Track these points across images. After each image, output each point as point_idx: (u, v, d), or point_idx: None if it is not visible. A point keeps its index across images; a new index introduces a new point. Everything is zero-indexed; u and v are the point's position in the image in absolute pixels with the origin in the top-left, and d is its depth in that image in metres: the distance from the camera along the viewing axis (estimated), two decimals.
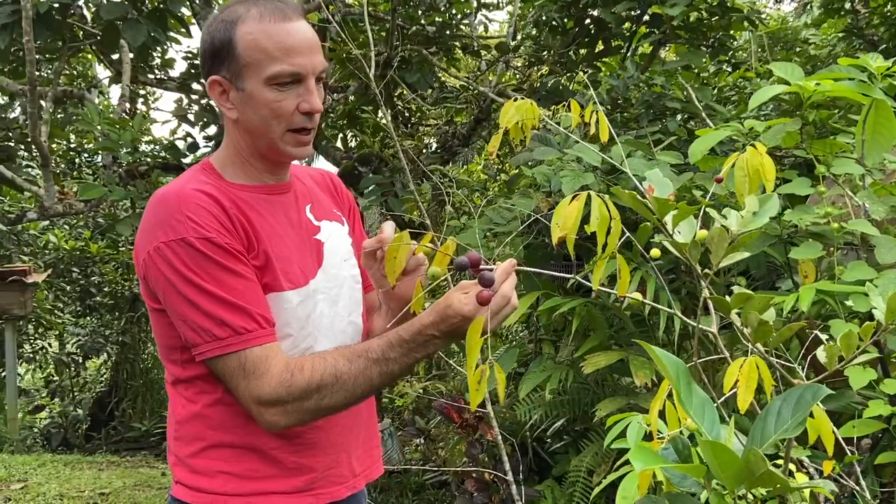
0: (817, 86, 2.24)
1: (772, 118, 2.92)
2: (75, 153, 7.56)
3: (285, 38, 1.36)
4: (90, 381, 8.18)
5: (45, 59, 5.26)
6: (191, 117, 5.30)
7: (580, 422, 3.55)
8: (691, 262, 1.21)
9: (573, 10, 4.67)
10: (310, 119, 1.40)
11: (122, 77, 4.84)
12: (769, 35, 6.14)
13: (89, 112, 4.09)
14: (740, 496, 0.91)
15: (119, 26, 4.18)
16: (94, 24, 4.60)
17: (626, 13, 4.36)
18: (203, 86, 1.46)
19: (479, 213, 3.47)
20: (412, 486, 4.27)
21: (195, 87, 5.20)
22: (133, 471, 5.48)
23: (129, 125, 4.10)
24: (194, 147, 5.11)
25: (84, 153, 7.60)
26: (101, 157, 5.63)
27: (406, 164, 3.63)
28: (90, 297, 7.90)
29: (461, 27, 5.43)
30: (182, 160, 4.61)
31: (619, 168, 2.56)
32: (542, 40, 5.01)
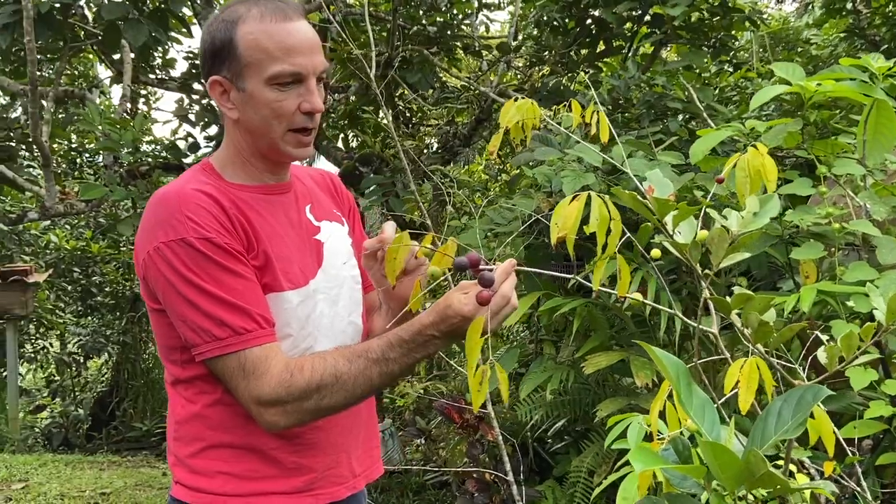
0: (819, 86, 2.24)
1: (773, 118, 2.92)
2: (76, 153, 7.57)
3: (286, 37, 1.36)
4: (91, 380, 8.19)
5: (46, 59, 5.26)
6: (192, 117, 5.30)
7: (581, 422, 3.56)
8: (691, 263, 1.21)
9: (574, 11, 4.66)
10: (311, 119, 1.40)
11: (123, 77, 4.84)
12: (771, 35, 6.14)
13: (90, 112, 4.09)
14: (740, 497, 0.91)
15: (120, 26, 4.18)
16: (95, 24, 4.61)
17: (627, 13, 4.36)
18: (204, 86, 1.46)
19: (480, 213, 3.47)
20: (413, 486, 4.27)
21: (196, 87, 5.20)
22: (134, 471, 5.48)
23: (130, 125, 4.11)
24: (195, 147, 5.11)
25: (85, 153, 7.60)
26: (102, 157, 5.63)
27: (407, 164, 3.63)
28: (91, 297, 7.90)
29: (462, 27, 5.43)
30: (183, 160, 4.61)
31: (620, 168, 2.56)
32: (544, 40, 5.01)
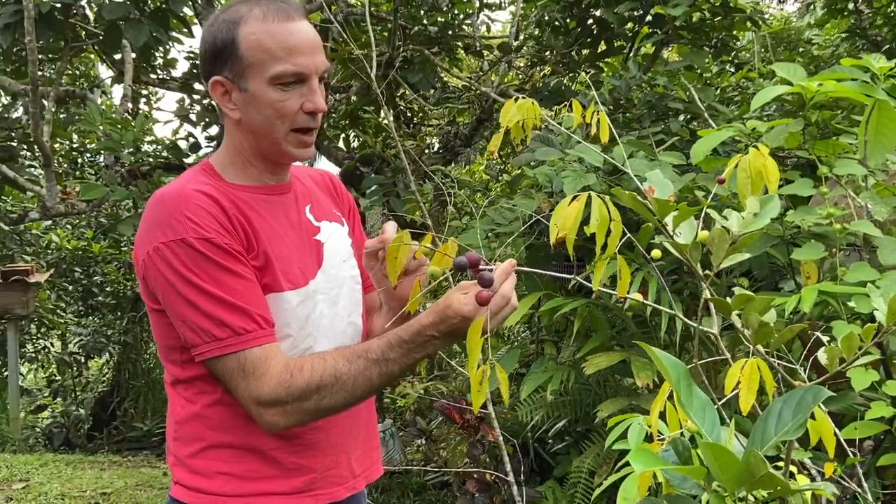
0: (820, 86, 2.23)
1: (774, 119, 2.91)
2: (77, 153, 7.57)
3: (288, 37, 1.36)
4: (92, 380, 8.19)
5: (47, 59, 5.27)
6: (193, 117, 5.30)
7: (582, 423, 3.55)
8: (692, 264, 1.21)
9: (576, 11, 4.66)
10: (313, 119, 1.40)
11: (124, 77, 4.84)
12: (772, 35, 6.13)
13: (91, 112, 4.09)
14: (741, 498, 0.91)
15: (121, 26, 4.18)
16: (96, 24, 4.61)
17: (628, 13, 4.36)
18: (205, 86, 1.45)
19: (481, 213, 3.47)
20: (413, 486, 4.27)
21: (197, 87, 5.20)
22: (135, 471, 5.49)
23: (131, 125, 4.11)
24: (196, 147, 5.11)
25: (86, 153, 7.60)
26: (103, 157, 5.63)
27: (408, 164, 3.63)
28: (92, 297, 7.91)
29: (463, 27, 5.42)
30: (184, 160, 4.62)
31: (621, 169, 2.55)
32: (545, 40, 5.00)
